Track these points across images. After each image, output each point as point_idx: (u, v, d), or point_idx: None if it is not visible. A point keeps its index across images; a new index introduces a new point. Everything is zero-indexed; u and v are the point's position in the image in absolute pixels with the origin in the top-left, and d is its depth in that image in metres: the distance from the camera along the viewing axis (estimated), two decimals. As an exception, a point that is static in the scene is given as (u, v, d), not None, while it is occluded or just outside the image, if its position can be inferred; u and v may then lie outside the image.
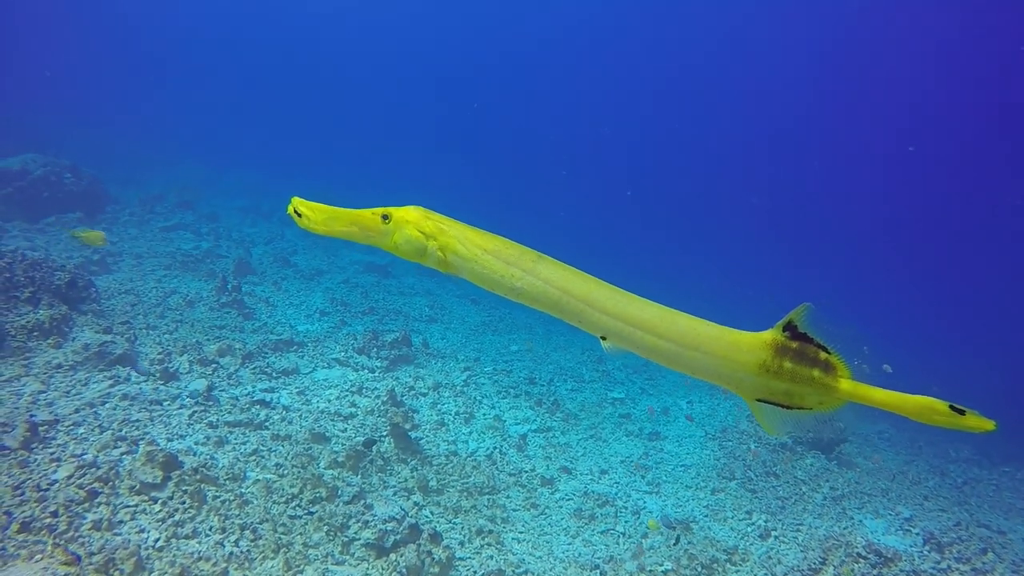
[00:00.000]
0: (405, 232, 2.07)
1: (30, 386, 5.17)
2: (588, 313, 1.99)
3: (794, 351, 1.87)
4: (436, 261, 2.09)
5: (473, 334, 11.27)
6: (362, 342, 7.98)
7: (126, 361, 6.00)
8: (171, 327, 7.37)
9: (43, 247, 9.64)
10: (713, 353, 1.90)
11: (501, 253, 2.05)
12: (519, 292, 2.05)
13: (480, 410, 7.34)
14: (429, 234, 2.07)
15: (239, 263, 11.03)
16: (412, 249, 2.08)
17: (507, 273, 2.03)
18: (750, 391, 1.92)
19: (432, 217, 2.12)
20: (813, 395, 1.88)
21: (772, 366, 1.86)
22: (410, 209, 2.12)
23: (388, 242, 2.09)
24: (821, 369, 1.86)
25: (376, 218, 2.07)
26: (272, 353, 7.26)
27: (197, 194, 16.01)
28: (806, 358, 1.86)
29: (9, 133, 17.56)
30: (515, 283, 2.02)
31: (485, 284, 2.08)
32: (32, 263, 6.56)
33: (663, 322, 1.94)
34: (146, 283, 9.01)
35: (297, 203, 2.03)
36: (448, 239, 2.07)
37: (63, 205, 11.66)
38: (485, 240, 2.09)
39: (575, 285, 2.01)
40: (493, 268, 2.04)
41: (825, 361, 1.87)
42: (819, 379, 1.86)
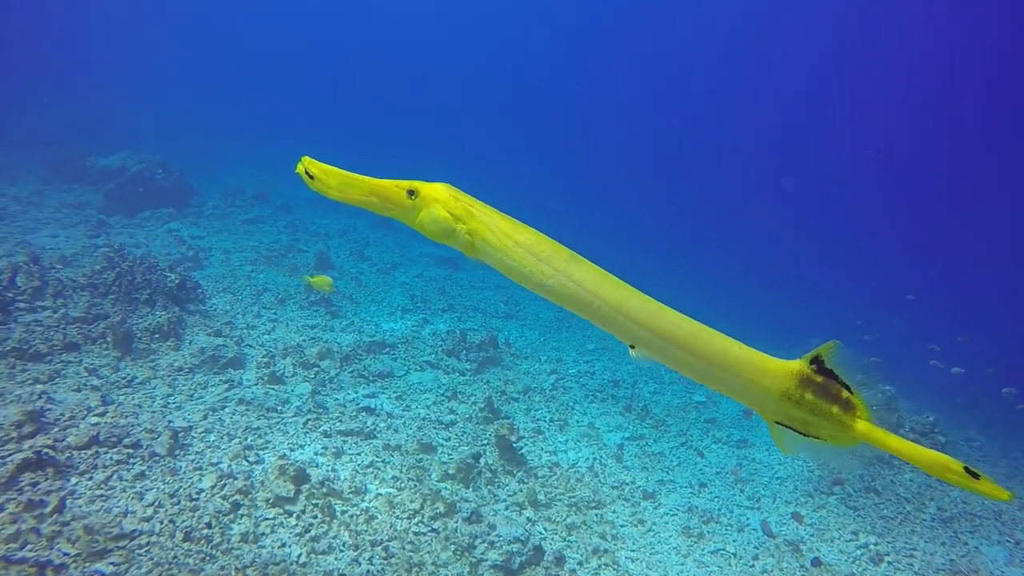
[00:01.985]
0: (432, 211, 1.97)
1: (160, 389, 5.37)
2: (620, 321, 1.95)
3: (817, 385, 1.90)
4: (463, 245, 2.00)
5: (549, 331, 11.23)
6: (450, 344, 8.02)
7: (237, 364, 6.18)
8: (268, 327, 7.56)
9: (144, 243, 10.01)
10: (741, 376, 1.92)
11: (533, 248, 1.97)
12: (548, 289, 1.97)
13: (573, 417, 7.29)
14: (458, 216, 1.99)
15: (319, 258, 11.24)
16: (438, 230, 1.99)
17: (537, 269, 1.95)
18: (770, 414, 1.96)
19: (461, 198, 2.03)
20: (828, 428, 1.92)
21: (794, 395, 1.89)
22: (439, 187, 2.02)
23: (412, 218, 2.01)
24: (841, 407, 1.90)
25: (400, 192, 1.98)
26: (367, 355, 7.36)
27: (271, 186, 16.37)
28: (828, 394, 1.90)
29: (100, 131, 18.35)
30: (545, 280, 1.95)
31: (512, 276, 2.00)
32: (149, 266, 6.80)
33: (697, 340, 1.94)
34: (237, 280, 9.26)
35: (308, 163, 1.90)
36: (477, 224, 1.99)
37: (156, 200, 12.09)
38: (517, 231, 2.00)
39: (608, 291, 1.95)
40: (523, 262, 1.96)
41: (846, 400, 1.90)
42: (836, 416, 1.90)
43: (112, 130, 18.91)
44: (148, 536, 3.54)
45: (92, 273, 6.70)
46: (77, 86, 24.76)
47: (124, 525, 3.54)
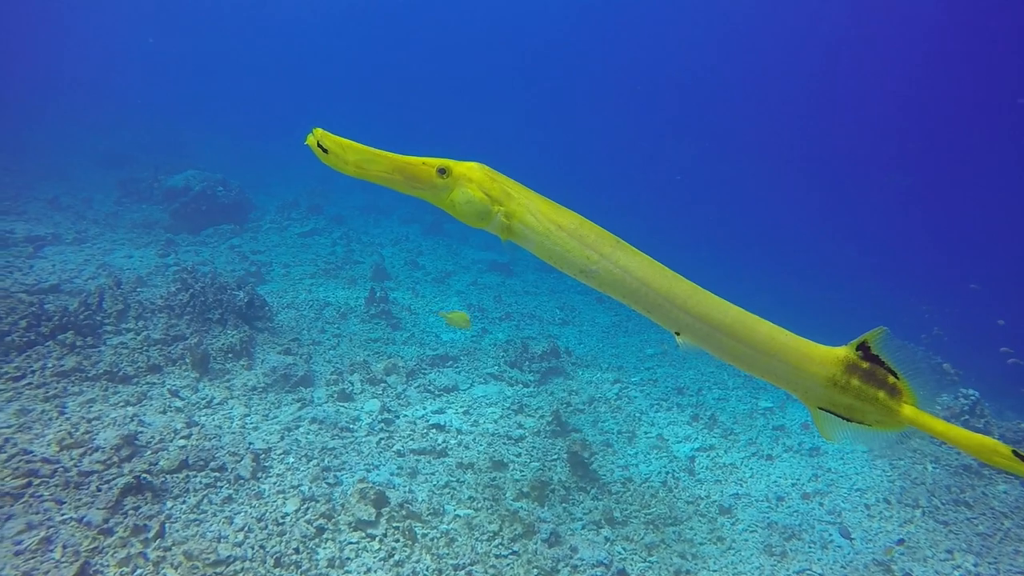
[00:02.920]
0: (467, 191, 1.90)
1: (237, 409, 5.50)
2: (666, 308, 1.92)
3: (864, 371, 1.90)
4: (499, 227, 1.94)
5: (607, 336, 11.10)
6: (512, 355, 7.99)
7: (307, 382, 6.28)
8: (333, 342, 7.67)
9: (210, 260, 10.33)
10: (787, 362, 1.92)
11: (577, 232, 1.92)
12: (592, 275, 1.93)
13: (640, 428, 7.17)
14: (494, 198, 1.92)
15: (376, 269, 11.38)
16: (473, 211, 1.92)
17: (582, 255, 1.90)
18: (814, 400, 1.96)
19: (498, 179, 1.96)
20: (874, 414, 1.92)
21: (840, 381, 1.90)
22: (473, 166, 1.95)
23: (442, 198, 1.93)
24: (887, 392, 1.90)
25: (429, 170, 1.89)
26: (431, 369, 7.40)
27: (323, 196, 16.70)
28: (874, 379, 1.91)
29: (165, 150, 19.07)
30: (590, 266, 1.91)
31: (553, 260, 1.95)
32: (220, 286, 6.99)
33: (744, 327, 1.92)
34: (299, 294, 9.45)
35: (321, 136, 1.78)
36: (516, 206, 1.92)
37: (218, 217, 12.47)
38: (559, 215, 1.94)
39: (655, 278, 1.92)
40: (567, 247, 1.91)
41: (892, 385, 1.91)
42: (883, 401, 1.90)
43: (176, 149, 19.68)
44: (242, 562, 3.60)
45: (168, 295, 6.93)
46: (141, 108, 25.85)
47: (219, 551, 3.61)
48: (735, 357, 1.96)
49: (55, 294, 7.43)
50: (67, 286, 7.75)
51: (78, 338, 5.95)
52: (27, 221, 10.72)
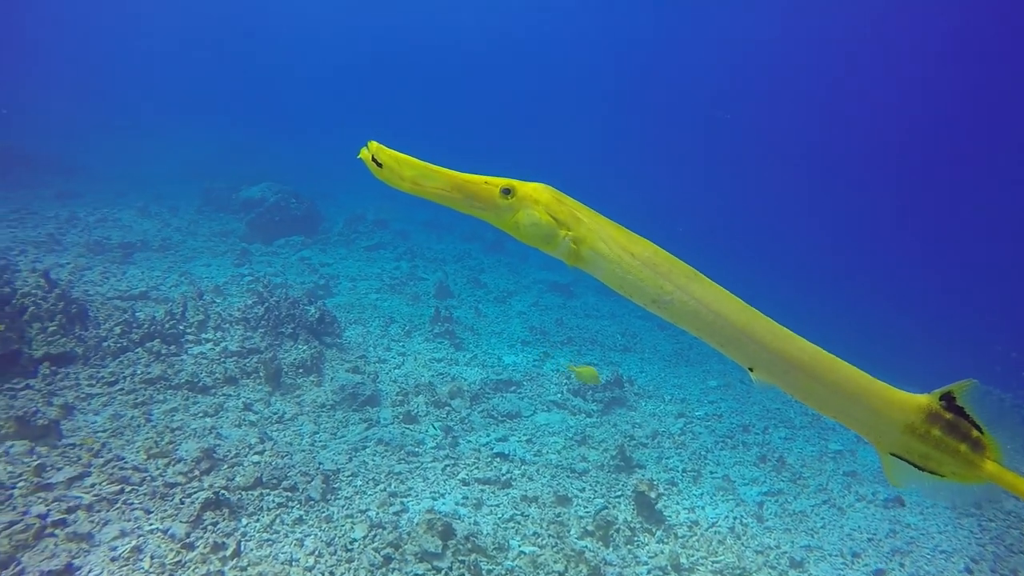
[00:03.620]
0: (532, 214, 1.83)
1: (307, 426, 5.61)
2: (742, 342, 1.86)
3: (946, 422, 1.84)
4: (566, 252, 1.87)
5: (669, 366, 10.86)
6: (576, 383, 7.90)
7: (373, 402, 6.36)
8: (398, 361, 7.77)
9: (281, 271, 10.67)
10: (865, 405, 1.86)
11: (651, 261, 1.86)
12: (665, 306, 1.87)
13: (706, 467, 6.95)
14: (562, 221, 1.85)
15: (439, 287, 11.50)
16: (538, 234, 1.85)
17: (655, 284, 1.85)
18: (888, 445, 1.90)
19: (566, 202, 1.89)
20: (952, 465, 1.86)
21: (919, 429, 1.84)
22: (539, 187, 1.88)
23: (504, 219, 1.86)
24: (969, 446, 1.84)
25: (491, 189, 1.82)
26: (494, 394, 7.39)
27: (389, 211, 17.05)
28: (957, 431, 1.84)
29: (243, 161, 19.93)
30: (664, 296, 1.85)
31: (623, 289, 1.90)
32: (292, 301, 7.19)
33: (822, 367, 1.86)
34: (365, 310, 9.63)
35: (376, 149, 1.72)
36: (586, 232, 1.86)
37: (289, 228, 12.90)
38: (631, 242, 1.88)
39: (732, 311, 1.86)
40: (639, 275, 1.85)
41: (976, 439, 1.84)
42: (964, 454, 1.84)
43: (252, 158, 20.55)
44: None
45: (245, 308, 7.17)
46: (222, 119, 27.15)
47: (291, 575, 3.67)
48: (810, 396, 1.91)
49: (143, 301, 7.81)
50: (154, 293, 8.13)
51: (163, 346, 6.21)
52: (120, 228, 11.35)
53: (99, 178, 16.11)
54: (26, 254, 8.90)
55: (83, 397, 5.29)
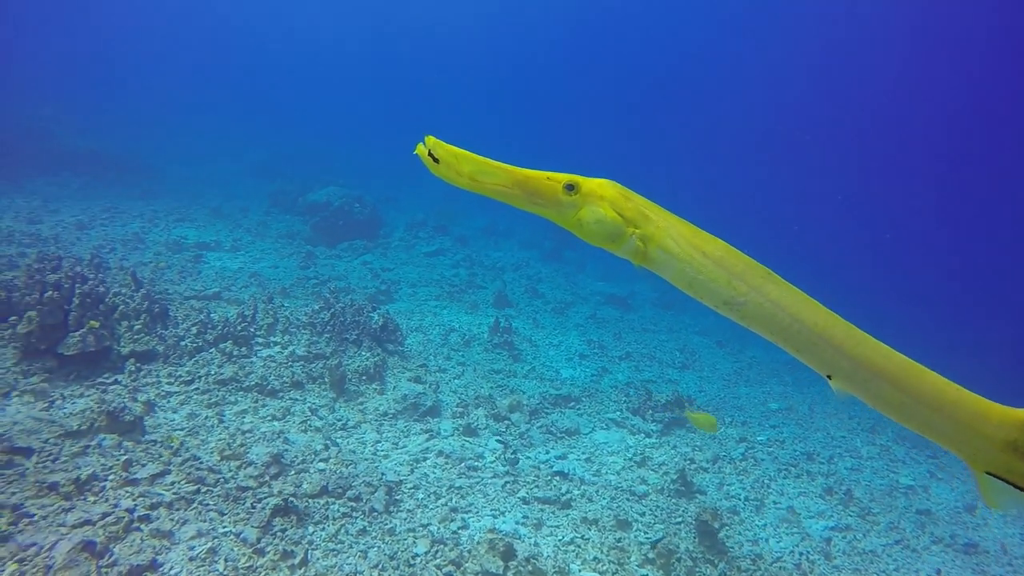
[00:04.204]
0: (597, 210, 1.75)
1: (369, 434, 5.70)
2: (820, 348, 1.76)
3: None
4: (632, 252, 1.79)
5: (728, 385, 10.58)
6: (636, 401, 7.79)
7: (434, 413, 6.41)
8: (458, 371, 7.81)
9: (344, 275, 10.92)
10: (957, 419, 1.74)
11: (724, 260, 1.78)
12: (737, 307, 1.78)
13: (769, 496, 6.72)
14: (629, 218, 1.77)
15: (498, 295, 11.54)
16: (603, 232, 1.77)
17: (728, 285, 1.77)
18: (984, 463, 1.77)
19: (633, 199, 1.81)
20: None
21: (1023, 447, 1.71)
22: (604, 183, 1.80)
23: (567, 217, 1.78)
24: None
25: (555, 185, 1.74)
26: (553, 409, 7.34)
27: (449, 217, 17.23)
28: None
29: (305, 160, 20.54)
30: (737, 298, 1.77)
31: (694, 290, 1.80)
32: (357, 308, 7.33)
33: (909, 376, 1.75)
34: (425, 317, 9.75)
35: (433, 144, 1.65)
36: (654, 229, 1.78)
37: (352, 232, 13.20)
38: (703, 241, 1.80)
39: (810, 314, 1.77)
40: (711, 276, 1.77)
41: None
42: None
43: (318, 161, 21.17)
44: (377, 602, 3.68)
45: (312, 313, 7.36)
46: (292, 122, 28.09)
47: (356, 587, 3.72)
48: (895, 408, 1.78)
49: (216, 301, 8.12)
50: (226, 294, 8.44)
51: (235, 348, 6.43)
52: (197, 228, 11.86)
53: (177, 178, 16.89)
54: (115, 252, 9.39)
55: (163, 395, 5.53)
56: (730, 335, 14.00)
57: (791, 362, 13.32)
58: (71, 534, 3.61)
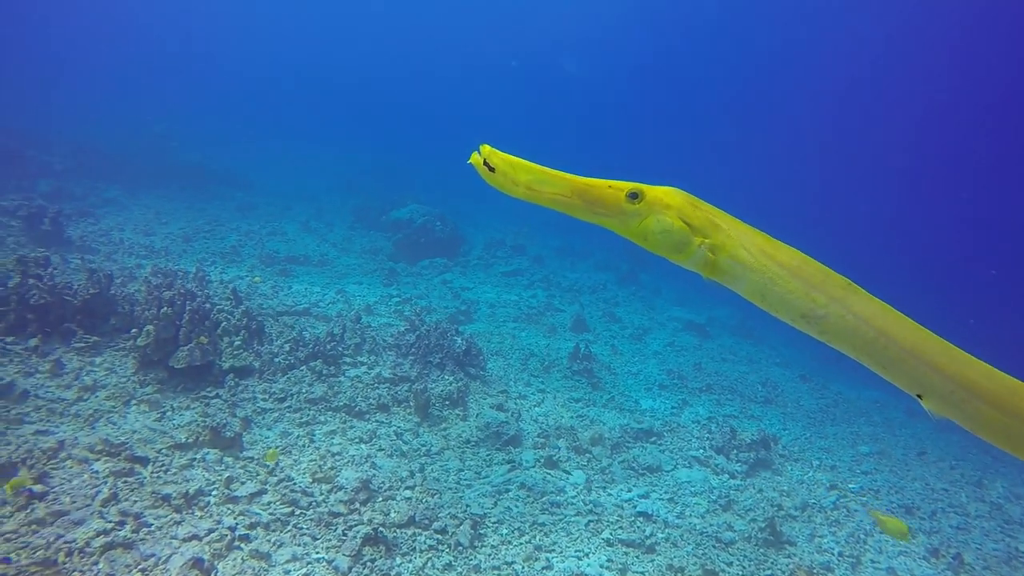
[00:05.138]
0: (663, 220, 1.67)
1: (452, 462, 5.74)
2: (910, 365, 1.63)
3: None
4: (701, 262, 1.70)
5: (814, 424, 10.07)
6: (719, 439, 7.51)
7: (516, 442, 6.40)
8: (538, 398, 7.78)
9: (425, 294, 11.13)
10: None
11: (800, 271, 1.67)
12: (816, 321, 1.66)
13: (866, 553, 6.31)
14: (697, 227, 1.68)
15: (576, 320, 11.45)
16: (669, 242, 1.68)
17: (806, 296, 1.65)
18: None
19: (701, 207, 1.72)
20: None
21: None
22: (671, 191, 1.72)
23: (631, 227, 1.70)
24: None
25: (617, 194, 1.66)
26: (634, 443, 7.19)
27: (526, 236, 17.30)
28: None
29: (388, 175, 21.17)
30: (815, 311, 1.65)
31: (768, 303, 1.70)
32: (442, 332, 7.43)
33: (1014, 397, 1.58)
34: (504, 339, 9.78)
35: (489, 153, 1.60)
36: (725, 239, 1.69)
37: (433, 250, 13.46)
38: (777, 250, 1.69)
39: (898, 328, 1.64)
40: (787, 287, 1.66)
41: None
42: None
43: (400, 176, 21.81)
44: (464, 642, 3.67)
45: (398, 335, 7.51)
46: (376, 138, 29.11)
47: (444, 625, 3.72)
48: (996, 432, 1.63)
49: (306, 317, 8.43)
50: (315, 310, 8.76)
51: (324, 367, 6.64)
52: (287, 242, 12.41)
53: (269, 192, 17.75)
54: (215, 265, 9.94)
55: (259, 411, 5.76)
56: (813, 368, 13.36)
57: (880, 400, 12.55)
58: (182, 548, 3.79)
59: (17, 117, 17.20)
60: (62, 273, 7.57)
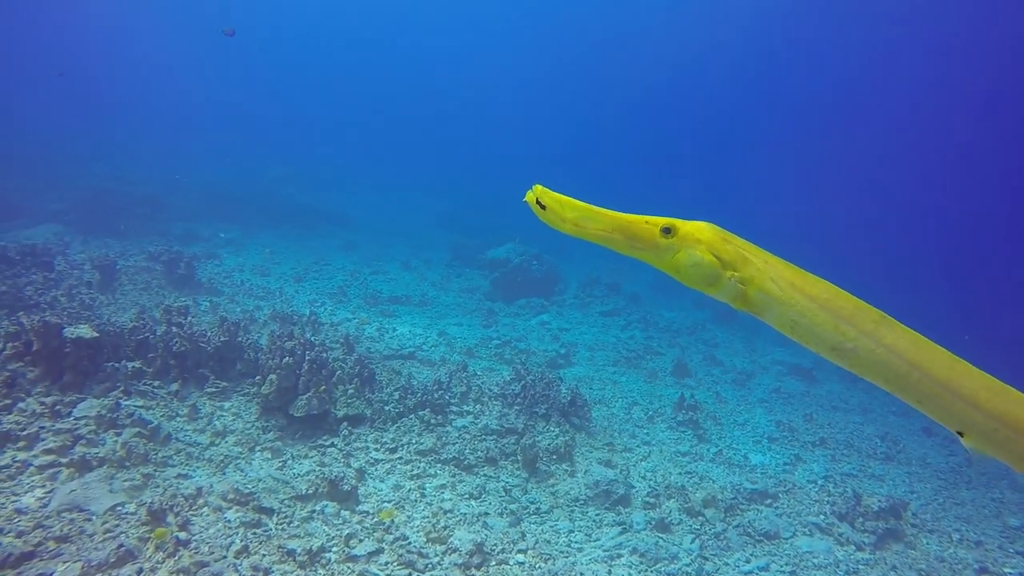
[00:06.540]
0: (694, 254, 1.73)
1: (562, 523, 5.63)
2: (947, 400, 1.60)
3: None
4: (732, 295, 1.75)
5: (946, 487, 9.18)
6: (842, 505, 6.99)
7: (626, 502, 6.20)
8: (644, 451, 7.55)
9: (523, 336, 11.16)
10: None
11: (830, 304, 1.68)
12: (847, 354, 1.67)
13: (1024, 650, 5.62)
14: (727, 261, 1.73)
15: (676, 364, 11.11)
16: (700, 276, 1.73)
17: (836, 330, 1.66)
18: None
19: (731, 240, 1.77)
20: None
21: None
22: (702, 226, 1.78)
23: (665, 260, 1.76)
24: None
25: (652, 229, 1.73)
26: (748, 506, 6.81)
27: (622, 273, 17.09)
28: None
29: (482, 211, 21.60)
30: (845, 343, 1.66)
31: (797, 335, 1.72)
32: (548, 382, 7.39)
33: None
34: (605, 386, 9.60)
35: (540, 192, 1.70)
36: (754, 272, 1.72)
37: (530, 289, 13.52)
38: (806, 282, 1.71)
39: (933, 361, 1.61)
40: (816, 320, 1.67)
41: None
42: None
43: (495, 211, 22.23)
44: None
45: (503, 384, 7.54)
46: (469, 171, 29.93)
47: None
48: None
49: (412, 361, 8.64)
50: (420, 354, 8.96)
51: (432, 416, 6.73)
52: (389, 282, 12.85)
53: (369, 228, 18.56)
54: (324, 306, 10.42)
55: (372, 462, 5.90)
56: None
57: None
58: (308, 610, 3.88)
59: (159, 166, 18.95)
60: (195, 314, 8.15)
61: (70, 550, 3.97)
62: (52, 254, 9.04)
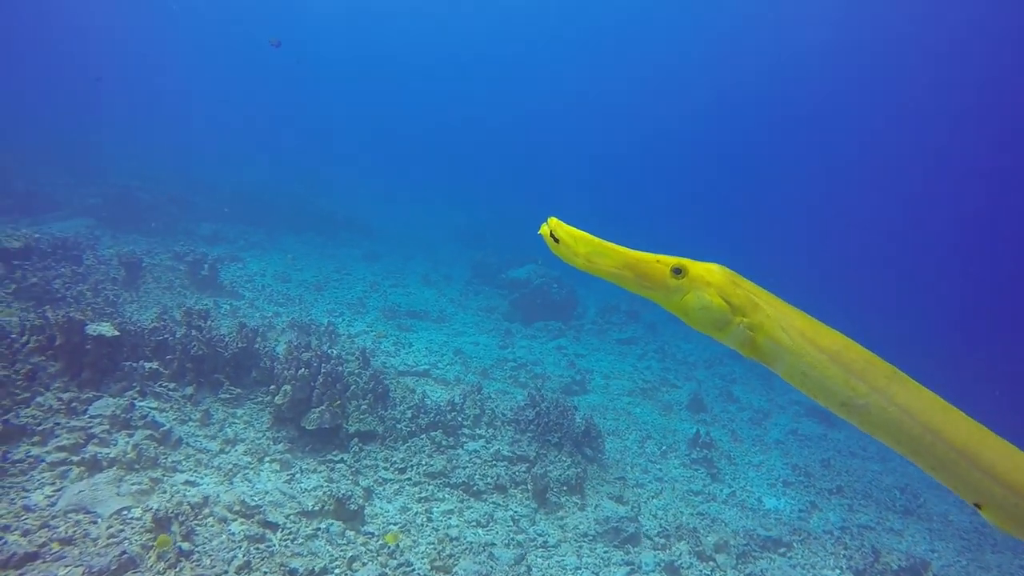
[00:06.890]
0: (703, 297, 1.66)
1: (569, 558, 5.49)
2: (962, 469, 1.47)
3: None
4: (741, 341, 1.67)
5: (969, 548, 8.86)
6: (860, 561, 6.76)
7: (635, 541, 6.05)
8: (656, 488, 7.39)
9: (540, 360, 11.05)
10: None
11: (841, 356, 1.59)
12: (856, 411, 1.57)
13: None
14: (736, 306, 1.65)
15: (692, 398, 10.93)
16: (708, 319, 1.66)
17: (846, 384, 1.57)
18: None
19: (742, 284, 1.69)
20: None
21: None
22: (713, 268, 1.71)
23: (673, 300, 1.70)
24: None
25: (662, 268, 1.68)
26: (761, 553, 6.61)
27: (641, 303, 16.95)
28: None
29: (503, 228, 21.60)
30: (856, 400, 1.56)
31: (806, 387, 1.63)
32: (563, 410, 7.27)
33: None
34: (619, 417, 9.45)
35: (555, 225, 1.67)
36: (764, 319, 1.64)
37: (548, 312, 13.44)
38: (818, 332, 1.62)
39: (948, 424, 1.49)
40: (826, 373, 1.58)
41: None
42: None
43: (515, 229, 22.24)
44: None
45: (517, 409, 7.44)
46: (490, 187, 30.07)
47: None
48: None
49: (425, 378, 8.57)
50: (435, 371, 8.90)
51: (444, 437, 6.65)
52: (407, 295, 12.84)
53: (391, 239, 18.63)
54: (343, 317, 10.42)
55: (380, 481, 5.82)
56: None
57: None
58: (307, 635, 3.79)
59: (190, 167, 19.25)
60: (215, 317, 8.18)
61: (73, 553, 3.93)
62: (82, 248, 9.15)
